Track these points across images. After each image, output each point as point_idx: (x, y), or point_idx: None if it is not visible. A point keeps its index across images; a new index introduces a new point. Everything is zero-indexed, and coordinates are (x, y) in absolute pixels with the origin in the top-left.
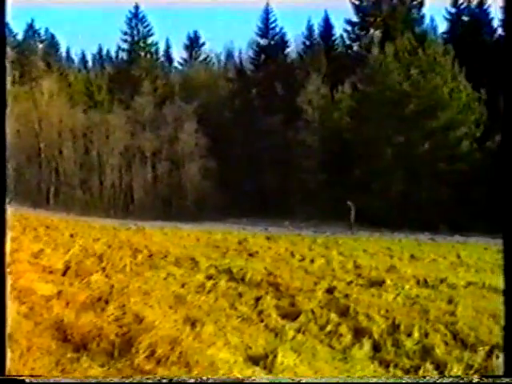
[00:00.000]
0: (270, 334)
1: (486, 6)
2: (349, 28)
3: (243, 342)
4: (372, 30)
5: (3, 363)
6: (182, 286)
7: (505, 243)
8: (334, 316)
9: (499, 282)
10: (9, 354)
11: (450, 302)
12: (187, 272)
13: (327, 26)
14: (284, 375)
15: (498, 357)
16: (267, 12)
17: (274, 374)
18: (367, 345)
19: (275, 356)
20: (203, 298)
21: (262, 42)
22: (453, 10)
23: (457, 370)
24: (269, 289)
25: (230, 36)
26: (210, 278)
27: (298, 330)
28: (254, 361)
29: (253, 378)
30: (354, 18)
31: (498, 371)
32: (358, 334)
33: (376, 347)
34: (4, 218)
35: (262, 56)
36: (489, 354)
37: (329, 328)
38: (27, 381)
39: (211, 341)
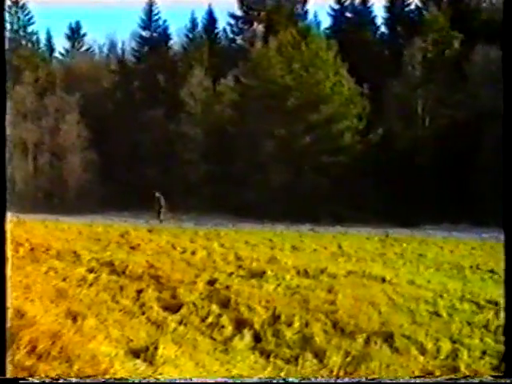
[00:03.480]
0: (152, 326)
1: (369, 4)
2: (232, 21)
3: (124, 335)
4: (256, 24)
5: (3, 363)
6: (64, 279)
7: (506, 241)
8: (215, 307)
9: (379, 270)
10: None
11: (329, 291)
12: (69, 265)
13: (211, 19)
14: (165, 368)
15: (376, 343)
16: (150, 4)
17: (155, 366)
18: (248, 336)
19: (156, 348)
20: (85, 291)
21: (145, 33)
22: (336, 7)
23: (336, 358)
24: (150, 281)
25: (113, 27)
26: (91, 271)
27: (180, 322)
28: (135, 353)
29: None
30: (238, 12)
31: (375, 357)
32: (239, 325)
33: (257, 338)
34: (4, 219)
35: (145, 48)
36: (367, 341)
37: (210, 320)
38: (27, 381)
39: (92, 334)
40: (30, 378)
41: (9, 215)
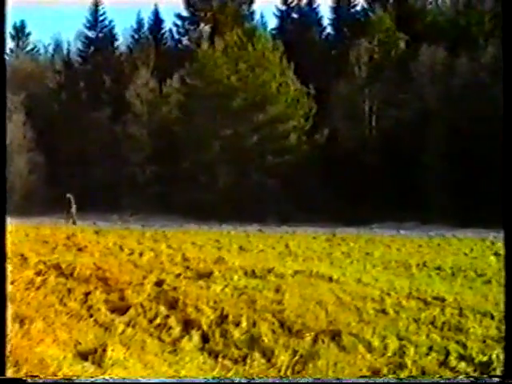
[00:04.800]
0: (100, 328)
1: (315, 5)
2: (179, 22)
3: (72, 337)
4: (202, 25)
5: (3, 363)
6: (12, 283)
7: (506, 241)
8: (163, 309)
9: (326, 269)
10: None
11: (277, 291)
12: (16, 268)
13: (157, 19)
14: (113, 370)
15: (323, 342)
16: (96, 4)
17: (104, 368)
18: (196, 336)
19: (104, 350)
20: (32, 294)
21: (90, 34)
22: (283, 8)
23: (284, 357)
24: (98, 283)
25: (59, 27)
26: (38, 274)
27: (128, 324)
28: (83, 356)
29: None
30: (184, 13)
31: (322, 356)
32: (187, 325)
33: (205, 338)
34: (4, 219)
35: (91, 48)
36: (314, 340)
37: (158, 321)
38: (27, 381)
39: (40, 338)
40: (31, 378)
41: None
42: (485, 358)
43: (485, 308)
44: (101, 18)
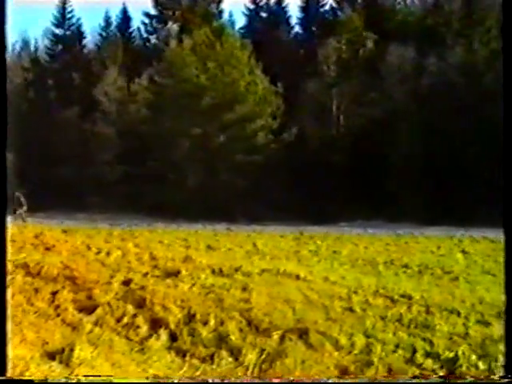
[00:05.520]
0: (67, 328)
1: (284, 4)
2: (147, 21)
3: (40, 337)
4: (170, 23)
5: (3, 363)
6: None
7: (506, 241)
8: (130, 308)
9: (293, 267)
10: None
11: (244, 289)
12: None
13: (125, 17)
14: (81, 369)
15: (290, 340)
16: (64, 2)
17: (71, 368)
18: (164, 335)
19: (72, 350)
20: None
21: (58, 31)
22: (251, 7)
23: (251, 355)
24: (65, 283)
25: (25, 25)
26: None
27: (95, 323)
28: (51, 356)
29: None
30: (152, 11)
31: (290, 354)
32: (155, 324)
33: (173, 337)
34: (4, 219)
35: (59, 46)
36: (282, 338)
37: (125, 320)
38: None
39: (7, 338)
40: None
41: None
42: (451, 355)
43: (451, 305)
44: (68, 16)
